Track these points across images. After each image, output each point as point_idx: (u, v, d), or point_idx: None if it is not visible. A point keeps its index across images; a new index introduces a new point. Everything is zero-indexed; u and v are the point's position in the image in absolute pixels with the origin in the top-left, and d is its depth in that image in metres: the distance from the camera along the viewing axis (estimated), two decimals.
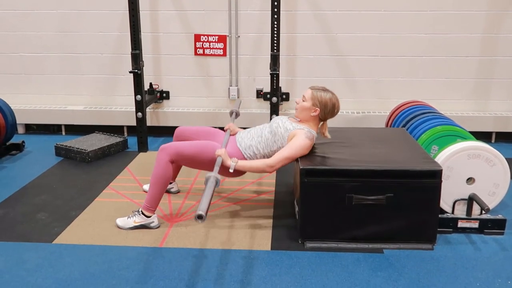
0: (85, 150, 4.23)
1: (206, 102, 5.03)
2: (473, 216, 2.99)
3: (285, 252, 2.78)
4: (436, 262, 2.68)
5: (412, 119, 3.77)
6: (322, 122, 3.06)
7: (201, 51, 4.88)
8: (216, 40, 4.84)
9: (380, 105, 4.89)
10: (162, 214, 3.22)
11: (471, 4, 4.59)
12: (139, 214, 3.01)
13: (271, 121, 3.12)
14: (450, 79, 4.81)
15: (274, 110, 4.38)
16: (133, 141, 4.66)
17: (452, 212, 3.02)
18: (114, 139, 4.56)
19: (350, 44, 4.76)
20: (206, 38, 4.84)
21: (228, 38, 4.82)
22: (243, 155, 3.03)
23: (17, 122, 4.66)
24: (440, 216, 2.89)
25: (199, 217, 2.19)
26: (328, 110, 2.96)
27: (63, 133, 5.17)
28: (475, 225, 2.97)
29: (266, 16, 4.55)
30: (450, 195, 2.98)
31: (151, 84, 4.89)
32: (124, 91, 4.97)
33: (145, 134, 4.53)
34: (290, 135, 2.94)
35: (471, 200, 2.96)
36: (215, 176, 2.53)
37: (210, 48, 4.87)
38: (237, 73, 4.92)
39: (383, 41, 4.73)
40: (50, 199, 3.48)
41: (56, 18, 4.89)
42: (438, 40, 4.70)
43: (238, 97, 4.92)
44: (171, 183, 3.52)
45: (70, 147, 4.31)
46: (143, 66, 4.42)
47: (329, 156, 2.96)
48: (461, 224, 2.98)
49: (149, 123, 4.81)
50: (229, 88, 4.94)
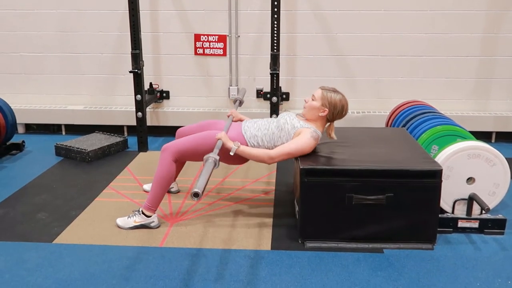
0: (85, 149, 4.23)
1: (206, 102, 5.03)
2: (473, 216, 2.99)
3: (285, 251, 2.78)
4: (436, 262, 2.68)
5: (412, 118, 3.77)
6: (329, 123, 3.06)
7: (201, 51, 4.88)
8: (216, 40, 4.84)
9: (380, 105, 4.89)
10: (162, 214, 3.22)
11: (471, 4, 4.59)
12: (139, 214, 3.01)
13: (279, 116, 3.12)
14: (450, 79, 4.81)
15: (274, 110, 4.38)
16: (133, 141, 4.66)
17: (452, 212, 3.02)
18: (114, 139, 4.56)
19: (350, 44, 4.76)
20: (206, 38, 4.84)
21: (228, 38, 4.82)
22: (247, 143, 3.02)
23: (17, 121, 4.66)
24: (440, 216, 2.89)
25: (195, 194, 2.19)
26: (337, 111, 2.96)
27: (63, 132, 5.17)
28: (475, 225, 2.97)
29: (266, 15, 4.55)
30: (450, 195, 2.98)
31: (151, 84, 4.89)
32: (124, 91, 4.97)
33: (145, 133, 4.53)
34: (296, 132, 2.94)
35: (471, 200, 2.96)
36: (214, 156, 2.53)
37: (210, 48, 4.87)
38: (237, 73, 4.92)
39: (383, 41, 4.73)
40: (50, 199, 3.48)
41: (56, 18, 4.89)
42: (438, 40, 4.70)
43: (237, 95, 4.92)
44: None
45: (70, 146, 4.31)
46: (143, 65, 4.42)
47: (329, 156, 2.96)
48: (461, 224, 2.98)
49: (149, 123, 4.81)
50: (229, 88, 4.94)
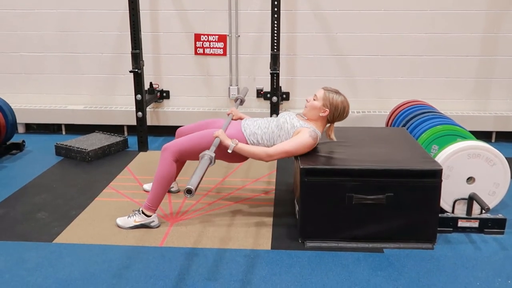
0: (85, 149, 4.23)
1: (206, 102, 5.03)
2: (473, 216, 2.99)
3: (285, 251, 2.78)
4: (436, 262, 2.68)
5: (412, 118, 3.77)
6: (329, 124, 3.06)
7: (201, 51, 4.88)
8: (216, 40, 4.84)
9: (380, 105, 4.89)
10: (163, 214, 3.22)
11: (471, 4, 4.59)
12: (140, 214, 3.01)
13: (279, 115, 3.12)
14: (450, 79, 4.81)
15: (274, 110, 4.38)
16: (133, 141, 4.66)
17: (452, 212, 3.02)
18: (114, 139, 4.56)
19: (350, 44, 4.76)
20: (206, 38, 4.84)
21: (228, 38, 4.82)
22: (246, 141, 3.02)
23: (17, 121, 4.66)
24: (440, 215, 2.89)
25: (188, 191, 2.19)
26: (338, 113, 2.96)
27: (63, 132, 5.17)
28: (475, 224, 2.97)
29: (266, 15, 4.55)
30: (450, 194, 2.98)
31: (151, 84, 4.89)
32: (124, 91, 4.97)
33: (145, 133, 4.53)
34: (295, 132, 2.94)
35: (471, 199, 2.96)
36: (210, 154, 2.53)
37: (210, 48, 4.87)
38: (237, 72, 4.91)
39: (383, 41, 4.73)
40: (50, 199, 3.48)
41: (56, 18, 4.89)
42: (438, 39, 4.70)
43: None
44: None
45: (70, 146, 4.31)
46: (143, 65, 4.42)
47: (329, 155, 2.96)
48: (461, 224, 2.97)
49: (149, 123, 4.81)
50: (229, 88, 4.94)
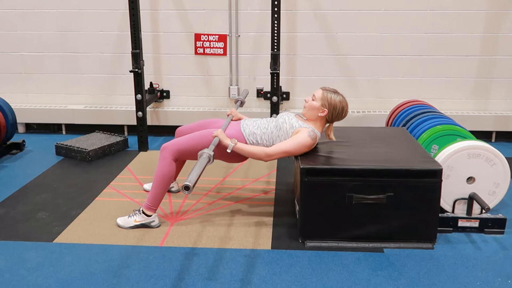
0: (85, 149, 4.23)
1: (206, 101, 5.03)
2: (473, 215, 2.99)
3: (285, 251, 2.78)
4: (436, 261, 2.68)
5: (412, 118, 3.77)
6: (329, 124, 3.06)
7: (201, 51, 4.88)
8: (216, 40, 4.84)
9: (380, 105, 4.89)
10: (163, 213, 3.22)
11: (471, 4, 4.59)
12: (140, 213, 3.01)
13: (278, 116, 3.13)
14: (450, 79, 4.81)
15: (274, 110, 4.38)
16: (133, 140, 4.66)
17: (452, 211, 3.02)
18: (115, 138, 4.56)
19: (350, 43, 4.76)
20: (206, 38, 4.84)
21: (228, 38, 4.82)
22: (245, 141, 3.02)
23: (18, 121, 4.66)
24: (440, 215, 2.89)
25: (186, 188, 2.20)
26: (337, 113, 2.96)
27: (64, 132, 5.17)
28: (475, 224, 2.97)
29: (266, 15, 4.55)
30: (450, 194, 2.98)
31: (151, 83, 4.89)
32: (125, 90, 4.98)
33: (146, 133, 4.53)
34: (294, 132, 2.94)
35: (471, 199, 2.96)
36: (208, 152, 2.54)
37: (210, 48, 4.87)
38: (237, 72, 4.92)
39: (383, 41, 4.73)
40: (51, 198, 3.48)
41: (56, 17, 4.89)
42: (438, 39, 4.70)
43: (238, 96, 4.92)
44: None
45: (71, 146, 4.31)
46: (144, 65, 4.42)
47: (329, 155, 2.96)
48: (461, 223, 2.98)
49: (149, 122, 4.81)
50: (229, 88, 4.94)
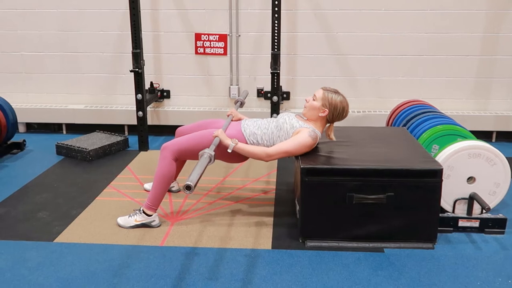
0: (86, 149, 4.23)
1: (206, 101, 5.03)
2: (473, 215, 2.99)
3: (285, 251, 2.78)
4: (437, 261, 2.68)
5: (412, 118, 3.77)
6: (329, 124, 3.06)
7: (201, 50, 4.89)
8: (217, 39, 4.84)
9: (380, 104, 4.89)
10: (163, 213, 3.23)
11: (471, 3, 4.59)
12: (140, 213, 3.02)
13: (278, 116, 3.13)
14: (451, 78, 4.81)
15: (275, 109, 4.38)
16: (134, 140, 4.67)
17: (453, 211, 3.02)
18: (115, 138, 4.56)
19: (350, 43, 4.76)
20: (206, 37, 4.85)
21: (228, 37, 4.82)
22: (246, 141, 3.02)
23: (18, 121, 4.66)
24: (440, 215, 2.89)
25: (187, 187, 2.20)
26: (337, 113, 2.96)
27: (64, 132, 5.17)
28: (476, 224, 2.97)
29: (266, 15, 4.55)
30: (450, 194, 2.98)
31: (151, 83, 4.89)
32: (125, 90, 4.98)
33: (146, 133, 4.53)
34: (295, 132, 2.94)
35: (471, 199, 2.96)
36: (209, 152, 2.54)
37: (210, 47, 4.87)
38: (238, 72, 4.92)
39: (384, 40, 4.74)
40: (51, 198, 3.48)
41: (57, 17, 4.89)
42: (438, 39, 4.70)
43: (238, 96, 4.93)
44: (172, 182, 3.52)
45: (71, 146, 4.31)
46: (144, 65, 4.42)
47: (329, 155, 2.96)
48: (461, 223, 2.98)
49: (149, 122, 4.82)
50: (229, 87, 4.94)
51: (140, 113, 4.44)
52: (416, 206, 2.77)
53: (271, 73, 4.29)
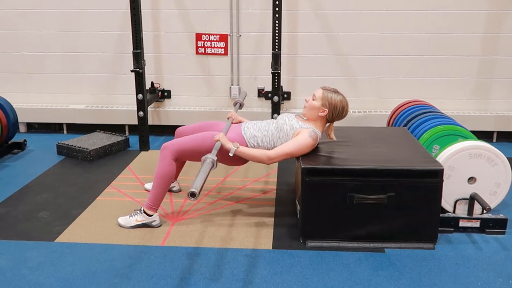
0: (86, 149, 4.23)
1: (207, 101, 5.03)
2: (474, 216, 2.99)
3: (286, 251, 2.78)
4: (437, 262, 2.68)
5: (413, 118, 3.77)
6: (329, 124, 3.07)
7: (202, 50, 4.89)
8: (218, 39, 4.84)
9: (381, 104, 4.89)
10: (164, 213, 3.23)
11: (472, 4, 4.59)
12: (141, 213, 3.02)
13: (278, 117, 3.13)
14: (451, 79, 4.81)
15: (276, 109, 4.39)
16: (134, 140, 4.67)
17: (454, 212, 3.02)
18: (116, 138, 4.56)
19: (351, 43, 4.76)
20: (207, 37, 4.85)
21: (229, 37, 4.82)
22: (246, 144, 3.02)
23: (19, 120, 4.66)
24: (441, 215, 2.89)
25: (192, 194, 2.20)
26: (337, 112, 2.96)
27: (65, 132, 5.18)
28: (477, 224, 2.97)
29: (267, 15, 4.55)
30: (451, 194, 2.98)
31: (152, 83, 4.89)
32: (126, 90, 4.98)
33: (147, 133, 4.54)
34: (295, 133, 2.94)
35: (472, 199, 2.96)
36: (211, 157, 2.54)
37: (211, 47, 4.87)
38: (239, 72, 4.92)
39: (384, 40, 4.73)
40: (52, 198, 3.48)
41: (57, 17, 4.89)
42: (439, 39, 4.70)
43: (239, 96, 4.93)
44: (172, 182, 3.52)
45: (72, 146, 4.31)
46: (145, 65, 4.42)
47: (330, 155, 2.96)
48: (462, 224, 2.98)
49: (150, 122, 4.82)
50: (230, 87, 4.95)
51: (141, 113, 4.44)
52: (417, 206, 2.77)
53: (271, 73, 4.29)
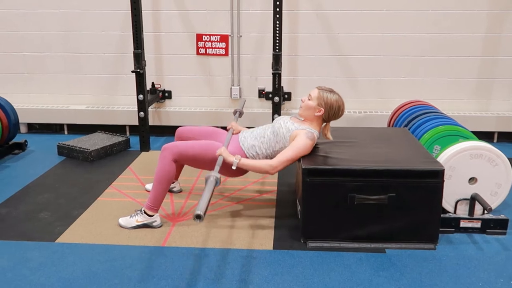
0: (87, 149, 4.24)
1: (208, 102, 5.03)
2: (475, 216, 2.99)
3: (287, 251, 2.78)
4: (438, 262, 2.68)
5: (414, 118, 3.77)
6: (325, 123, 3.07)
7: (203, 51, 4.89)
8: (218, 40, 4.84)
9: (382, 105, 4.89)
10: (165, 214, 3.23)
11: (473, 4, 4.59)
12: (142, 214, 3.02)
13: (274, 121, 3.12)
14: (452, 79, 4.81)
15: (276, 110, 4.38)
16: (135, 141, 4.67)
17: (454, 212, 3.02)
18: (116, 139, 4.56)
19: (352, 44, 4.76)
20: (208, 38, 4.85)
21: (230, 38, 4.83)
22: (246, 155, 3.03)
23: (20, 121, 4.67)
24: (442, 215, 2.89)
25: (198, 217, 2.20)
26: (333, 112, 2.96)
27: (66, 132, 5.18)
28: (477, 225, 2.97)
29: (268, 15, 4.55)
30: (452, 195, 2.98)
31: (153, 84, 4.89)
32: (126, 91, 4.98)
33: (147, 133, 4.54)
34: (292, 135, 2.94)
35: (473, 200, 2.96)
36: (215, 175, 2.53)
37: (212, 48, 4.87)
38: (239, 72, 4.92)
39: (385, 41, 4.73)
40: (53, 198, 3.49)
41: (58, 18, 4.90)
42: (440, 39, 4.70)
43: (240, 97, 4.93)
44: (173, 182, 3.52)
45: (73, 146, 4.31)
46: (145, 65, 4.42)
47: (331, 155, 2.96)
48: (463, 224, 2.98)
49: (151, 123, 4.82)
50: (231, 88, 4.95)
51: (142, 113, 4.44)
52: (418, 207, 2.77)
53: (272, 73, 4.29)
